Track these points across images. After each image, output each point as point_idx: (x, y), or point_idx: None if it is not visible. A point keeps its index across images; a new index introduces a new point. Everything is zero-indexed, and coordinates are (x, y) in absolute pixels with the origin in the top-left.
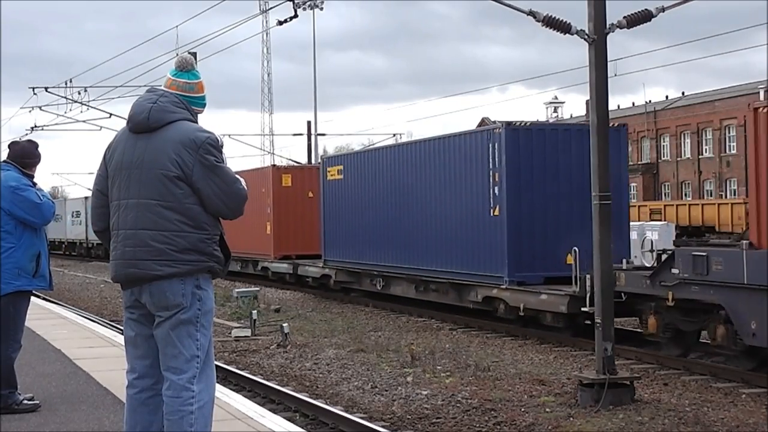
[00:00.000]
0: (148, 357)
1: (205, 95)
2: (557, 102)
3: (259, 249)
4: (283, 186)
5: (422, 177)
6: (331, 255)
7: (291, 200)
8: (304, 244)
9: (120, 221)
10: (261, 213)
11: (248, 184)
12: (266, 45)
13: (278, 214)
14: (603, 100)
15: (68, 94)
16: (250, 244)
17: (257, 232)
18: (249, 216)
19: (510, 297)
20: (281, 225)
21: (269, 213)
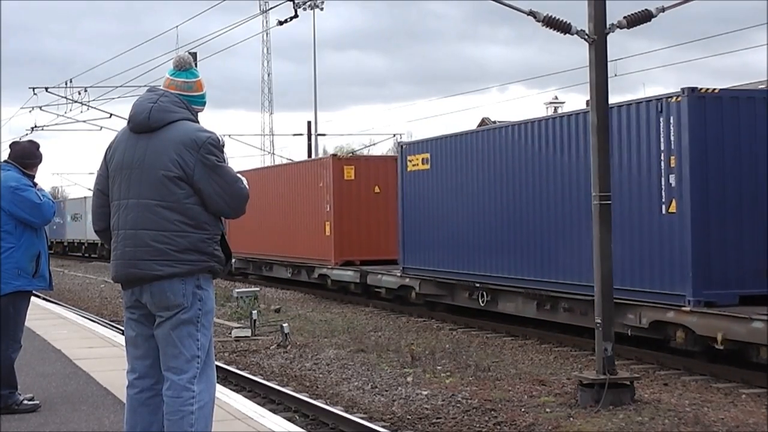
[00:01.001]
0: (148, 357)
1: (204, 93)
2: (557, 102)
3: (315, 253)
4: (345, 180)
5: (554, 164)
6: (412, 261)
7: (354, 196)
8: (370, 248)
9: (120, 221)
10: (318, 211)
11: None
12: (266, 45)
13: (339, 213)
14: (603, 100)
15: (68, 94)
16: (303, 248)
17: (313, 233)
18: (302, 215)
19: (698, 323)
20: (343, 225)
21: (329, 211)
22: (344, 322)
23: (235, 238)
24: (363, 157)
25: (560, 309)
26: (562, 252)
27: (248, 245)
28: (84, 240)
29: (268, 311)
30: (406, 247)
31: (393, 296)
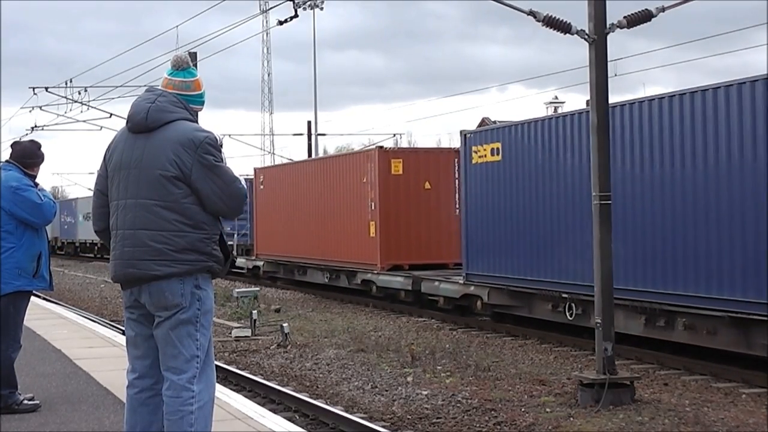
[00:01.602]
0: (148, 357)
1: (202, 93)
2: (557, 102)
3: (357, 257)
4: (392, 174)
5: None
6: (478, 267)
7: (403, 193)
8: (419, 251)
9: (119, 221)
10: (361, 210)
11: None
12: (266, 45)
13: (386, 212)
14: (603, 100)
15: (68, 94)
16: (343, 251)
17: (355, 234)
18: (342, 214)
19: None
20: (390, 226)
21: (373, 210)
22: (344, 322)
23: (264, 238)
24: (412, 149)
25: (678, 326)
26: (686, 256)
27: (279, 247)
28: (97, 240)
29: (268, 311)
30: (471, 251)
31: (452, 306)
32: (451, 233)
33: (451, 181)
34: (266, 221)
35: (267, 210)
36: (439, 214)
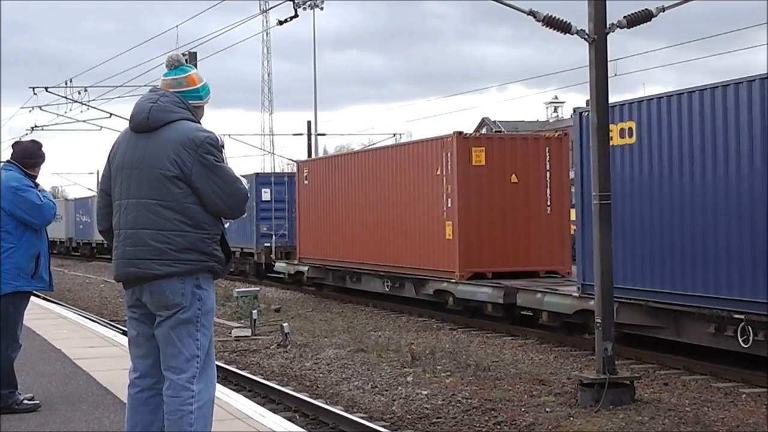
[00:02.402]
0: (149, 356)
1: (198, 87)
2: (557, 102)
3: (429, 262)
4: (473, 165)
5: None
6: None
7: (486, 187)
8: (505, 256)
9: (121, 221)
10: (433, 207)
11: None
12: (266, 45)
13: (466, 210)
14: (603, 100)
15: (68, 94)
16: (410, 255)
17: (426, 236)
18: (409, 213)
19: None
20: (471, 226)
21: (450, 208)
22: (344, 321)
23: (309, 240)
24: (497, 135)
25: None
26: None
27: (327, 250)
28: None
29: (268, 311)
30: (587, 257)
31: (559, 323)
32: (542, 235)
33: (542, 173)
34: (311, 221)
35: (312, 208)
36: (528, 212)
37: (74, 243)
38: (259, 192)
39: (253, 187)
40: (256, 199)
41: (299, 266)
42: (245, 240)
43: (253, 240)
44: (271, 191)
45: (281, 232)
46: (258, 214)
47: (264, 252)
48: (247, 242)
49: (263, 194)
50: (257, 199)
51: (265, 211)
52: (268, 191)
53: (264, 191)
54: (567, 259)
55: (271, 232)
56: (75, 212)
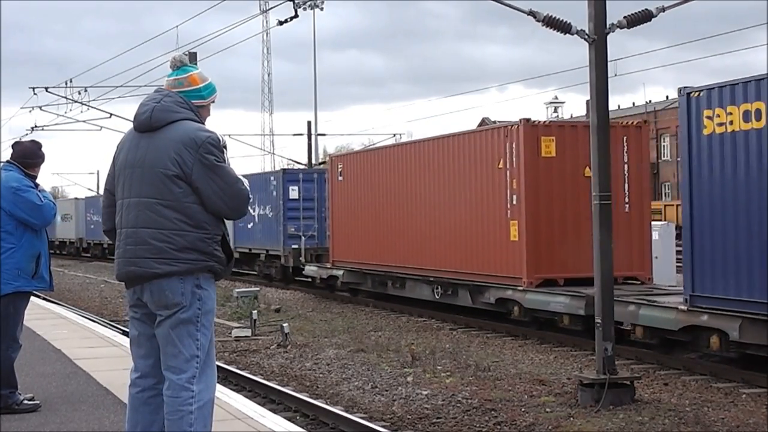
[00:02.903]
0: (150, 356)
1: (201, 87)
2: (557, 102)
3: (489, 267)
4: (542, 157)
5: None
6: (713, 287)
7: (557, 182)
8: (578, 261)
9: (123, 220)
10: (495, 205)
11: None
12: (266, 45)
13: (534, 207)
14: (603, 100)
15: (68, 94)
16: (467, 258)
17: (486, 237)
18: (464, 212)
19: None
20: (541, 226)
21: (515, 205)
22: (344, 321)
23: (344, 242)
24: (569, 122)
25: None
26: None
27: (366, 252)
28: None
29: (268, 311)
30: (699, 262)
31: (657, 341)
32: (619, 236)
33: (620, 166)
34: (347, 220)
35: (348, 207)
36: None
37: (84, 243)
38: (286, 190)
39: (279, 184)
40: (283, 198)
41: (333, 270)
42: (271, 241)
43: (280, 241)
44: (299, 189)
45: (310, 233)
46: (285, 213)
47: (292, 254)
48: (273, 244)
49: (290, 192)
50: (284, 198)
51: (293, 210)
52: (295, 189)
53: (291, 189)
54: (647, 263)
55: (299, 233)
56: (85, 212)
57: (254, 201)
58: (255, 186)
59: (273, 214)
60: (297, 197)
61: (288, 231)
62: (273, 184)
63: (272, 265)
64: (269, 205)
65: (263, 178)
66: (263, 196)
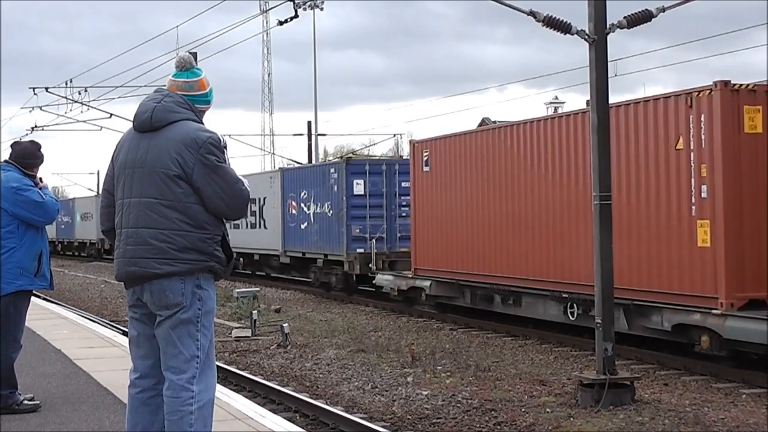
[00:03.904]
0: (150, 357)
1: (207, 92)
2: (558, 102)
3: (664, 282)
4: (744, 134)
5: None
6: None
7: (765, 169)
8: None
9: (123, 220)
10: (673, 199)
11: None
12: (266, 45)
13: (736, 202)
14: (603, 100)
15: (68, 94)
16: (623, 270)
17: (659, 242)
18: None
19: None
20: (745, 229)
21: (706, 199)
22: (344, 322)
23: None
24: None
25: None
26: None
27: (460, 259)
28: None
29: (268, 311)
30: None
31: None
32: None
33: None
34: (436, 219)
35: (437, 202)
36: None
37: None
38: (349, 184)
39: (341, 177)
40: (347, 193)
41: (416, 280)
42: (331, 245)
43: (342, 245)
44: (365, 182)
45: (378, 235)
46: (348, 212)
47: (358, 260)
48: (333, 248)
49: (355, 186)
50: (347, 193)
51: (358, 208)
52: (361, 183)
53: (356, 183)
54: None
55: (365, 235)
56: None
57: (309, 197)
58: (310, 180)
59: (334, 212)
60: (363, 192)
61: (352, 232)
62: (333, 178)
63: (331, 273)
64: (328, 201)
65: (320, 170)
66: (320, 191)
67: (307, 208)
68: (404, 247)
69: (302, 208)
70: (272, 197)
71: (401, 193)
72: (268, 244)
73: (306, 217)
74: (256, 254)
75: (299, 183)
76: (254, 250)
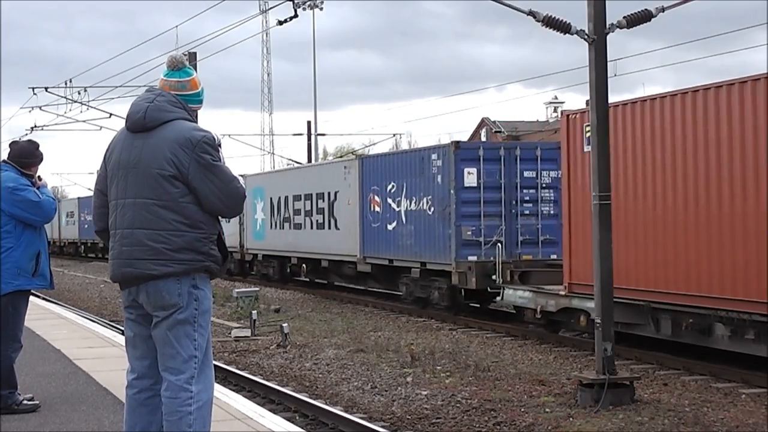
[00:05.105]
0: (147, 357)
1: (199, 91)
2: (557, 102)
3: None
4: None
5: None
6: None
7: None
8: None
9: (117, 221)
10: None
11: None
12: (266, 45)
13: None
14: (603, 100)
15: (68, 94)
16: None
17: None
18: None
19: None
20: None
21: None
22: (344, 322)
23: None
24: None
25: None
26: None
27: (648, 273)
28: None
29: (267, 311)
30: None
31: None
32: None
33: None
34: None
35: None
36: None
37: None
38: (459, 173)
39: (448, 165)
40: (455, 185)
41: (573, 299)
42: (431, 250)
43: (449, 250)
44: (479, 171)
45: (495, 239)
46: (458, 208)
47: (473, 271)
48: (434, 254)
49: (466, 176)
50: (456, 185)
51: (470, 204)
52: (473, 172)
53: (468, 172)
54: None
55: (479, 239)
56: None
57: (399, 190)
58: (401, 169)
59: (436, 209)
60: (475, 184)
61: (463, 235)
62: (436, 166)
63: (431, 286)
64: (428, 196)
65: (416, 157)
66: (416, 183)
67: (396, 204)
68: (528, 253)
69: (389, 205)
70: (346, 191)
71: (523, 185)
72: (341, 248)
73: (395, 216)
74: (324, 260)
75: (385, 173)
76: (321, 255)
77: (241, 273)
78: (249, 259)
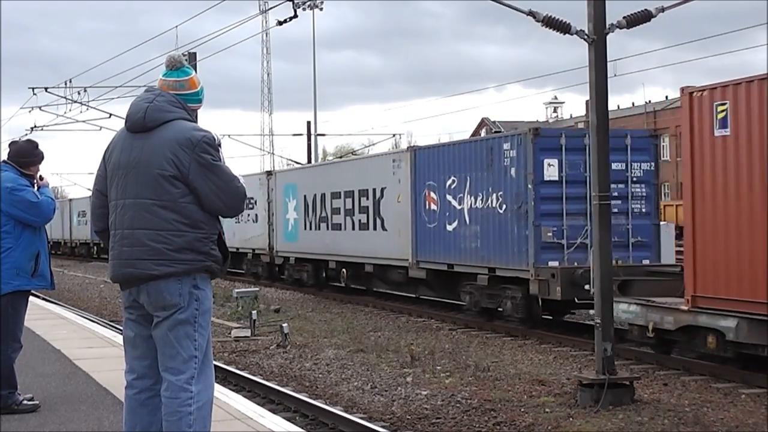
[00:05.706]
0: (146, 357)
1: (198, 91)
2: (557, 102)
3: None
4: None
5: None
6: None
7: None
8: None
9: (117, 221)
10: None
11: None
12: (266, 45)
13: None
14: (603, 100)
15: (68, 95)
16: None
17: None
18: None
19: None
20: None
21: None
22: (344, 322)
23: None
24: None
25: None
26: None
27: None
28: None
29: (267, 311)
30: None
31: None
32: None
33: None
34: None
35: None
36: None
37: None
38: (537, 165)
39: (525, 156)
40: (534, 180)
41: (700, 316)
42: (502, 254)
43: (526, 254)
44: (560, 162)
45: (579, 241)
46: (537, 206)
47: (558, 278)
48: (506, 258)
49: (547, 169)
50: (534, 180)
51: (551, 201)
52: (555, 163)
53: (548, 163)
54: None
55: (561, 241)
56: None
57: (461, 186)
58: (464, 161)
59: (509, 207)
60: (557, 178)
61: (543, 236)
62: (509, 157)
63: (503, 295)
64: (499, 191)
65: (484, 147)
66: (483, 177)
67: (457, 201)
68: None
69: (448, 202)
70: (395, 187)
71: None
72: (389, 251)
73: (456, 215)
74: (368, 264)
75: (443, 166)
76: (365, 258)
77: (270, 277)
78: (279, 263)
